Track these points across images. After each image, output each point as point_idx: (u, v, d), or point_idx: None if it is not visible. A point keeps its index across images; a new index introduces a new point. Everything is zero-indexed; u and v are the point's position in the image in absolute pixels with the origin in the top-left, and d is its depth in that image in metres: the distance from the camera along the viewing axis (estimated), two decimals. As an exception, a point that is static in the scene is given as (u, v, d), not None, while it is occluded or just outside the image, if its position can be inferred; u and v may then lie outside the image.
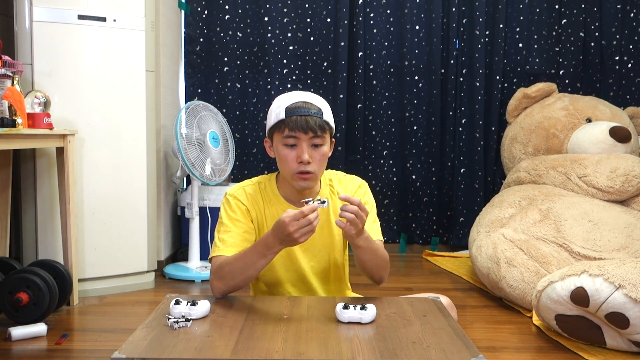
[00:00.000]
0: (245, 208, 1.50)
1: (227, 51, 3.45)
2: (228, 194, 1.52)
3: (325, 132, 1.44)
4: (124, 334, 2.04)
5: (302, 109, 1.42)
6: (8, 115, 2.13)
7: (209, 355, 1.05)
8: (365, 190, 1.60)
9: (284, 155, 1.44)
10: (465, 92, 3.50)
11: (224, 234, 1.47)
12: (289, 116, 1.41)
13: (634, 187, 2.55)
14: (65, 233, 2.40)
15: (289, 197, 1.52)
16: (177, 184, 3.05)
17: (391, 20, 3.47)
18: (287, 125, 1.41)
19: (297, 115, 1.41)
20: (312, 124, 1.41)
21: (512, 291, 2.33)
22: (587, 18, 3.46)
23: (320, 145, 1.44)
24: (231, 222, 1.48)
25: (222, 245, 1.45)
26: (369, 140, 3.54)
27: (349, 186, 1.59)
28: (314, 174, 1.44)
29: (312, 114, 1.42)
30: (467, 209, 3.51)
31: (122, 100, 2.60)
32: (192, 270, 2.93)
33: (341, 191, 1.57)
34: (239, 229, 1.47)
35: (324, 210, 1.52)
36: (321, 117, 1.43)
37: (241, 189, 1.53)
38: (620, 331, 1.82)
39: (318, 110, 1.44)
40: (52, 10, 2.43)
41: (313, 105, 1.44)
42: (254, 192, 1.53)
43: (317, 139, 1.43)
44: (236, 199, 1.51)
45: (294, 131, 1.41)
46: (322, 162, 1.47)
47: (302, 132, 1.41)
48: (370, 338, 1.15)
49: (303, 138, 1.42)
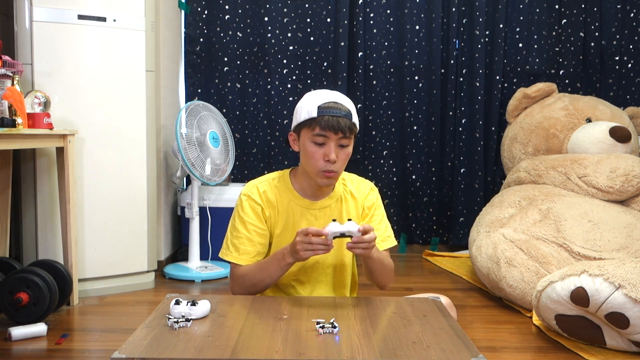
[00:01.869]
0: (260, 208, 1.54)
1: (227, 51, 3.45)
2: (242, 193, 1.57)
3: (353, 133, 1.48)
4: (124, 334, 2.04)
5: (334, 109, 1.45)
6: (8, 115, 2.13)
7: (209, 355, 1.05)
8: (376, 195, 1.66)
9: (311, 152, 1.47)
10: (465, 92, 3.50)
11: (235, 240, 1.54)
12: (321, 115, 1.44)
13: (634, 187, 2.55)
14: (65, 233, 2.40)
15: (304, 191, 1.56)
16: (177, 184, 3.05)
17: (391, 20, 3.47)
18: (318, 123, 1.44)
19: (329, 116, 1.44)
20: (343, 125, 1.44)
21: (512, 291, 2.33)
22: (587, 18, 3.46)
23: (346, 146, 1.49)
24: (243, 226, 1.54)
25: (235, 252, 1.53)
26: (369, 140, 3.54)
27: (362, 188, 1.64)
28: (337, 172, 1.50)
29: (343, 115, 1.45)
30: (467, 209, 3.51)
31: (122, 100, 2.60)
32: (192, 270, 2.93)
33: (354, 192, 1.62)
34: (250, 232, 1.53)
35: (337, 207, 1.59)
36: (351, 119, 1.47)
37: (254, 187, 1.57)
38: (620, 331, 1.82)
39: (348, 112, 1.47)
40: (52, 10, 2.43)
41: (344, 106, 1.47)
42: (267, 189, 1.57)
43: (345, 139, 1.47)
44: (250, 199, 1.55)
45: (325, 130, 1.44)
46: (345, 162, 1.52)
47: (332, 132, 1.44)
48: (370, 338, 1.15)
49: (332, 138, 1.45)
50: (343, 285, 1.63)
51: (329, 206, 1.59)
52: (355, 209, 1.62)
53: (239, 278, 1.52)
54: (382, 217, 1.66)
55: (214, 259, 3.10)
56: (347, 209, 1.60)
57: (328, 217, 1.57)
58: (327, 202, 1.59)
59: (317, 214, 1.57)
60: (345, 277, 1.63)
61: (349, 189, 1.63)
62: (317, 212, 1.57)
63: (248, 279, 1.50)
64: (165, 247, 3.10)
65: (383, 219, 1.66)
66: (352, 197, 1.62)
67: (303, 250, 1.36)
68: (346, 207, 1.60)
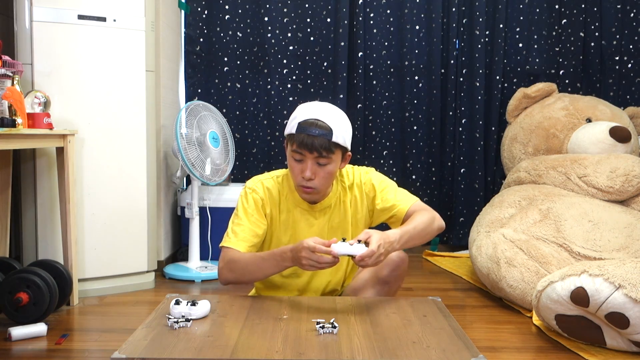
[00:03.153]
0: (261, 202, 1.59)
1: (227, 51, 3.45)
2: (247, 186, 1.62)
3: (332, 152, 1.48)
4: (124, 334, 2.04)
5: (313, 128, 1.46)
6: (8, 115, 2.13)
7: (209, 355, 1.06)
8: (370, 175, 1.67)
9: (291, 166, 1.53)
10: (465, 92, 3.50)
11: (236, 227, 1.56)
12: (299, 132, 1.47)
13: (634, 187, 2.55)
14: (65, 233, 2.40)
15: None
16: (177, 184, 3.05)
17: (391, 20, 3.47)
18: (295, 141, 1.48)
19: (305, 134, 1.46)
20: (317, 145, 1.45)
21: (512, 291, 2.33)
22: (587, 18, 3.46)
23: (325, 164, 1.49)
24: (245, 215, 1.57)
25: (233, 237, 1.54)
26: (369, 140, 3.54)
27: (358, 179, 1.66)
28: (315, 189, 1.52)
29: (319, 134, 1.45)
30: (467, 209, 3.51)
31: (122, 100, 2.60)
32: (192, 270, 2.93)
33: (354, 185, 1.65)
34: (251, 223, 1.56)
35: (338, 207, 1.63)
36: (329, 138, 1.46)
37: (260, 182, 1.62)
38: (620, 331, 1.82)
39: (328, 132, 1.46)
40: (52, 10, 2.43)
41: (324, 124, 1.47)
42: (271, 186, 1.61)
43: (322, 159, 1.48)
44: (254, 191, 1.60)
45: (301, 149, 1.47)
46: (327, 179, 1.52)
47: (307, 151, 1.47)
48: (370, 338, 1.15)
49: (308, 156, 1.48)
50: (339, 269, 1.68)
51: (328, 207, 1.63)
52: (361, 202, 1.65)
53: (230, 262, 1.50)
54: (389, 188, 1.65)
55: (214, 259, 3.10)
56: (344, 207, 1.63)
57: (327, 217, 1.62)
58: (325, 204, 1.62)
59: (317, 215, 1.61)
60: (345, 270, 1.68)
61: (347, 187, 1.65)
62: (317, 214, 1.61)
63: (240, 265, 1.49)
64: (165, 247, 3.10)
65: (392, 189, 1.65)
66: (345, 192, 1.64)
67: (308, 265, 1.36)
68: (344, 205, 1.63)
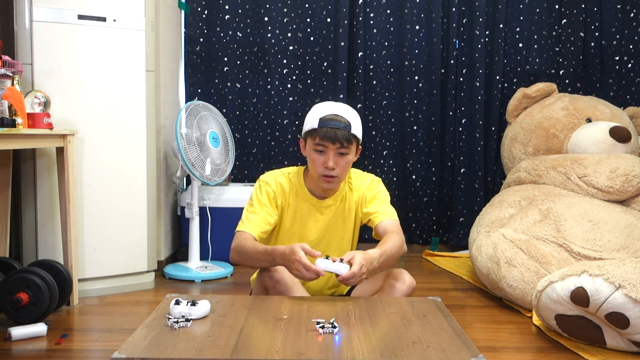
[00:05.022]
0: (273, 194, 1.75)
1: (227, 51, 3.45)
2: (261, 179, 1.78)
3: (352, 143, 1.66)
4: (124, 334, 2.04)
5: (334, 121, 1.64)
6: (8, 115, 2.13)
7: (209, 355, 1.06)
8: (378, 182, 1.84)
9: (313, 158, 1.68)
10: (465, 92, 3.50)
11: (251, 214, 1.73)
12: (321, 127, 1.64)
13: (634, 187, 2.55)
14: (65, 233, 2.40)
15: (314, 191, 1.78)
16: (177, 184, 3.05)
17: (391, 20, 3.47)
18: (318, 134, 1.64)
19: (328, 127, 1.63)
20: (340, 136, 1.63)
21: (512, 291, 2.33)
22: (587, 18, 3.46)
23: (345, 154, 1.67)
24: (259, 205, 1.74)
25: (248, 223, 1.71)
26: (369, 140, 3.54)
27: (364, 182, 1.83)
28: (337, 177, 1.69)
29: (341, 127, 1.64)
30: (467, 209, 3.51)
31: (122, 100, 2.60)
32: (192, 270, 2.93)
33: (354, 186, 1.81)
34: (264, 212, 1.73)
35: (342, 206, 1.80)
36: (349, 130, 1.65)
37: (272, 177, 1.78)
38: (620, 331, 1.82)
39: (347, 124, 1.65)
40: (52, 10, 2.43)
41: (343, 119, 1.65)
42: (283, 182, 1.78)
43: (343, 149, 1.65)
44: (267, 184, 1.76)
45: (324, 141, 1.64)
46: (346, 168, 1.71)
47: (330, 143, 1.64)
48: (370, 338, 1.15)
49: (331, 147, 1.64)
50: None
51: (334, 204, 1.80)
52: (355, 202, 1.81)
53: (238, 247, 1.65)
54: (381, 200, 1.81)
55: (214, 259, 3.10)
56: (349, 205, 1.80)
57: (332, 214, 1.79)
58: (332, 201, 1.79)
59: (323, 211, 1.79)
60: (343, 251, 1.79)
61: (353, 186, 1.82)
62: (323, 209, 1.79)
63: (244, 253, 1.63)
64: (165, 247, 3.10)
65: (382, 201, 1.81)
66: (351, 192, 1.81)
67: (295, 271, 1.48)
68: (349, 204, 1.80)
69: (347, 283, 1.47)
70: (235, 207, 3.01)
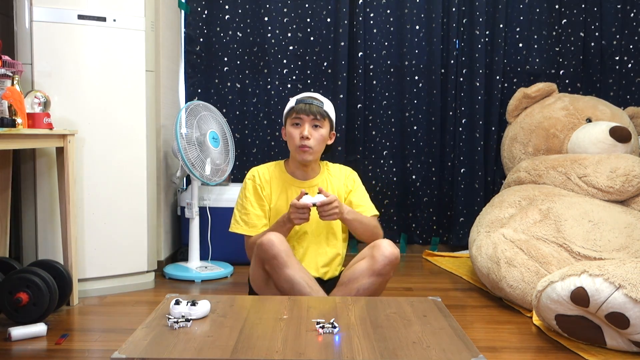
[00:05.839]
0: (260, 188, 2.03)
1: (227, 51, 3.45)
2: (246, 177, 2.07)
3: (325, 119, 1.96)
4: (124, 334, 2.04)
5: (308, 99, 1.97)
6: (8, 115, 2.13)
7: (209, 355, 1.06)
8: (356, 176, 2.13)
9: (290, 132, 1.97)
10: (465, 92, 3.50)
11: (244, 216, 2.02)
12: (297, 104, 1.96)
13: (634, 187, 2.55)
14: (65, 233, 2.40)
15: (294, 174, 2.06)
16: (177, 184, 3.05)
17: (391, 20, 3.47)
18: (295, 110, 1.96)
19: (303, 103, 1.95)
20: (314, 110, 1.94)
21: (512, 291, 2.33)
22: (587, 18, 3.46)
23: (319, 127, 1.96)
24: (248, 203, 2.02)
25: (245, 226, 2.01)
26: (369, 140, 3.54)
27: (342, 170, 2.12)
28: (312, 148, 1.95)
29: (314, 103, 1.95)
30: (467, 209, 3.51)
31: (122, 100, 2.60)
32: (192, 270, 2.93)
33: (336, 174, 2.11)
34: (254, 209, 2.02)
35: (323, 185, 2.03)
36: (322, 107, 1.97)
37: (256, 171, 2.08)
38: (620, 331, 1.82)
39: (320, 102, 1.97)
40: (52, 10, 2.43)
41: (317, 98, 1.99)
42: (265, 171, 2.07)
43: (317, 121, 1.95)
44: (251, 179, 2.06)
45: (299, 114, 1.94)
46: (320, 142, 1.98)
47: (305, 115, 1.93)
48: (370, 338, 1.15)
49: (306, 119, 1.94)
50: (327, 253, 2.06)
51: (317, 185, 2.03)
52: (339, 183, 2.09)
53: (253, 247, 1.92)
54: (363, 192, 2.12)
55: (214, 259, 3.10)
56: (331, 184, 2.07)
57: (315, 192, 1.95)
58: (315, 181, 2.06)
59: (308, 191, 1.95)
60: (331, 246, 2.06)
61: (332, 172, 2.11)
62: (307, 190, 1.97)
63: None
64: (165, 247, 3.10)
65: (364, 195, 2.11)
66: (336, 177, 2.10)
67: (295, 219, 1.84)
68: (330, 184, 2.07)
69: (323, 213, 1.82)
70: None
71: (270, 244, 1.79)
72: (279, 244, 1.79)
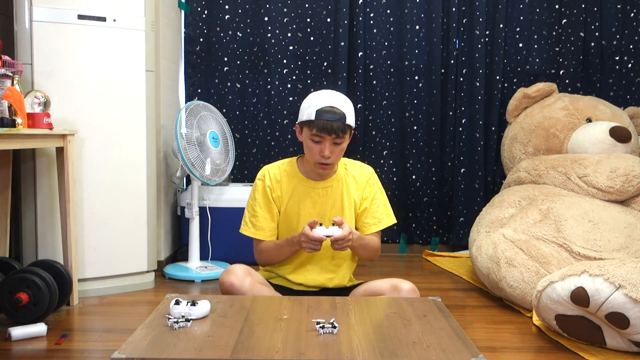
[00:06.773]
0: (270, 190, 1.90)
1: (227, 51, 3.45)
2: (257, 177, 1.94)
3: (346, 133, 1.78)
4: (124, 334, 2.04)
5: (329, 114, 1.74)
6: (8, 115, 2.13)
7: (209, 355, 1.06)
8: (376, 179, 1.99)
9: (310, 147, 1.80)
10: (465, 92, 3.50)
11: (253, 219, 1.91)
12: (318, 119, 1.74)
13: (634, 187, 2.55)
14: (65, 233, 2.40)
15: (308, 174, 1.91)
16: (177, 184, 3.05)
17: (391, 20, 3.47)
18: (315, 126, 1.75)
19: (324, 120, 1.73)
20: (336, 127, 1.74)
21: (512, 291, 2.33)
22: (587, 18, 3.46)
23: (340, 143, 1.79)
24: (257, 205, 1.91)
25: (253, 229, 1.91)
26: (369, 140, 3.54)
27: (364, 171, 1.97)
28: (332, 164, 1.83)
29: (336, 119, 1.74)
30: (467, 209, 3.51)
31: (122, 100, 2.60)
32: (192, 270, 2.93)
33: (356, 175, 1.95)
34: (264, 212, 1.90)
35: (338, 187, 1.91)
36: (344, 121, 1.75)
37: (267, 171, 1.94)
38: (621, 331, 1.82)
39: (342, 116, 1.75)
40: (52, 10, 2.43)
41: (339, 110, 1.75)
42: (277, 172, 1.92)
43: (338, 139, 1.77)
44: (261, 180, 1.92)
45: (321, 132, 1.75)
46: (340, 155, 1.85)
47: (326, 134, 1.75)
48: (370, 338, 1.15)
49: (327, 138, 1.76)
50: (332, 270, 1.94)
51: (331, 186, 1.91)
52: (357, 190, 1.94)
53: (259, 252, 1.91)
54: (382, 200, 1.98)
55: (214, 259, 3.10)
56: (347, 189, 1.92)
57: (329, 196, 1.90)
58: (329, 183, 1.91)
59: (320, 193, 1.89)
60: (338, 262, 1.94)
61: (351, 172, 1.94)
62: (320, 191, 1.90)
63: (267, 255, 1.90)
64: (165, 247, 3.10)
65: (382, 202, 1.98)
66: (353, 179, 1.94)
67: (307, 248, 1.74)
68: (347, 187, 1.92)
69: (337, 247, 1.72)
70: (235, 207, 3.01)
71: (231, 288, 1.71)
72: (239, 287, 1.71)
